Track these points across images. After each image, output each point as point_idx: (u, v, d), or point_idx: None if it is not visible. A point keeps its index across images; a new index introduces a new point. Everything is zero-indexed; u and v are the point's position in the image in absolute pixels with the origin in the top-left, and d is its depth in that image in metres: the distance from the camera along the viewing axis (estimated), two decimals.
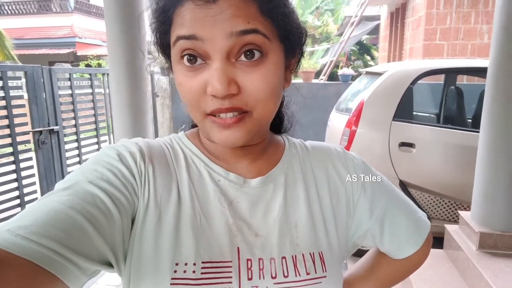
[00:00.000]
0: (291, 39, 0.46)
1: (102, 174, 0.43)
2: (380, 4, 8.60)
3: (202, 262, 0.44)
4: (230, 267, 0.45)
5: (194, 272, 0.43)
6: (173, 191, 0.47)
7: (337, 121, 3.04)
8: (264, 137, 0.52)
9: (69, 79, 3.17)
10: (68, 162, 3.18)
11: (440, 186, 2.62)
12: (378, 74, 2.82)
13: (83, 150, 3.35)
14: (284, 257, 0.48)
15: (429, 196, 2.67)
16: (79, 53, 13.27)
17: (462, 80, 3.87)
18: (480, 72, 2.64)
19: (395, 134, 2.63)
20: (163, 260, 0.43)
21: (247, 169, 0.52)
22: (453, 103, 2.98)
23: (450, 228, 2.26)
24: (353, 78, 5.51)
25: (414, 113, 2.83)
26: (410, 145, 2.63)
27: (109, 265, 0.42)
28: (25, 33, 13.76)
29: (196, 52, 0.42)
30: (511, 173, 1.90)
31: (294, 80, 0.56)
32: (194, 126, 0.57)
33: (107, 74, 3.72)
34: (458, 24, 5.32)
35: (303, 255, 0.48)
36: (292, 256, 0.48)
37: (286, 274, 0.46)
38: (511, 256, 1.86)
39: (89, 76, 3.45)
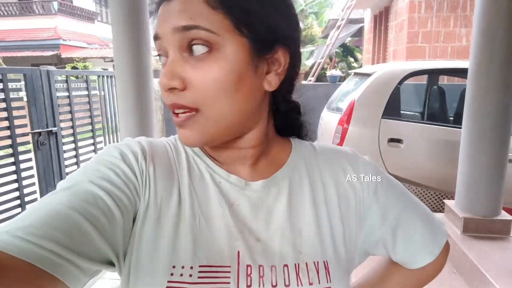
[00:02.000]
0: (259, 32, 0.42)
1: (104, 174, 0.42)
2: (364, 8, 8.87)
3: (200, 266, 0.42)
4: (229, 272, 0.43)
5: (191, 276, 0.42)
6: (174, 192, 0.46)
7: (329, 120, 3.20)
8: (259, 138, 0.48)
9: (66, 81, 3.22)
10: (66, 163, 3.22)
11: (426, 178, 2.81)
12: (367, 75, 2.99)
13: (80, 151, 3.40)
14: (286, 265, 0.45)
15: (416, 188, 2.86)
16: (63, 56, 13.08)
17: (443, 81, 4.09)
18: (460, 72, 2.86)
19: (384, 131, 2.81)
20: (160, 262, 0.42)
21: (250, 172, 0.49)
22: (436, 101, 3.18)
23: (437, 216, 2.43)
24: (341, 79, 5.70)
25: (401, 111, 3.01)
26: (398, 141, 2.81)
27: (111, 264, 0.42)
28: (7, 35, 13.48)
29: (161, 50, 0.44)
30: (490, 164, 2.08)
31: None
32: None
33: (102, 76, 3.78)
34: (439, 27, 5.60)
35: (306, 263, 0.46)
36: (295, 264, 0.45)
37: (287, 283, 0.44)
38: (492, 239, 2.05)
39: (85, 79, 3.50)
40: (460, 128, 2.23)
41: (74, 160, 3.32)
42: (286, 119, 0.52)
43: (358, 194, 0.52)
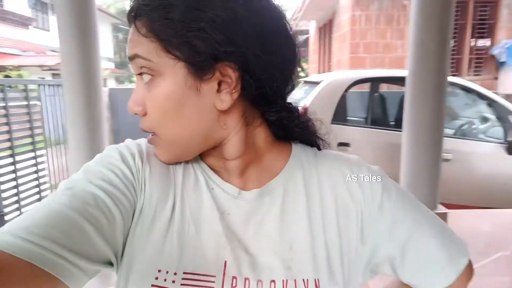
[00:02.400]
0: (191, 52, 0.40)
1: (104, 175, 0.43)
2: (309, 20, 9.29)
3: (184, 273, 0.42)
4: (213, 282, 0.42)
5: (173, 282, 0.41)
6: (170, 195, 0.46)
7: None
8: (241, 150, 0.46)
9: (2, 91, 2.98)
10: (2, 179, 2.95)
11: None
12: (316, 83, 3.15)
13: (19, 165, 3.13)
14: (273, 281, 0.43)
15: None
16: None
17: (384, 88, 4.42)
18: (398, 80, 3.12)
19: (333, 135, 2.96)
20: (148, 263, 0.42)
21: (242, 181, 0.48)
22: (378, 107, 3.44)
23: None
24: None
25: (348, 117, 3.21)
26: (346, 144, 2.99)
27: (110, 264, 0.42)
28: None
29: None
30: (427, 163, 2.30)
31: None
32: None
33: (43, 86, 3.54)
34: (377, 39, 6.04)
35: (295, 280, 0.43)
36: (283, 280, 0.43)
37: None
38: None
39: (23, 88, 3.26)
40: (400, 131, 2.43)
41: (13, 175, 3.05)
42: (279, 126, 0.49)
43: (360, 205, 0.48)
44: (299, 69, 0.49)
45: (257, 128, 0.48)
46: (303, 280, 0.44)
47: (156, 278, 0.42)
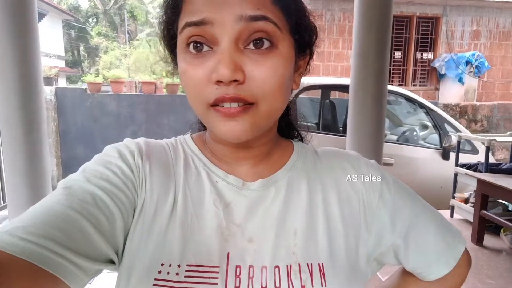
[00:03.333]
0: (303, 35, 0.44)
1: (102, 173, 0.42)
2: None
3: (187, 265, 0.42)
4: (217, 272, 0.42)
5: (177, 274, 0.41)
6: (171, 191, 0.46)
7: None
8: (269, 138, 0.49)
9: None
10: None
11: None
12: None
13: None
14: (277, 266, 0.44)
15: None
16: None
17: (335, 95, 4.61)
18: (347, 88, 3.26)
19: None
20: (150, 259, 0.42)
21: (248, 172, 0.49)
22: (328, 113, 3.58)
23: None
24: None
25: (300, 122, 3.30)
26: None
27: (112, 262, 0.42)
28: None
29: (203, 38, 0.40)
30: None
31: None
32: (200, 129, 0.56)
33: None
34: (330, 48, 6.29)
35: (299, 265, 0.44)
36: (287, 265, 0.44)
37: (278, 284, 0.42)
38: None
39: None
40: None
41: None
42: (288, 121, 0.55)
43: (362, 196, 0.50)
44: None
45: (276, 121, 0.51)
46: (307, 264, 0.44)
47: (159, 272, 0.41)
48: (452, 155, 3.23)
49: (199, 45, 0.41)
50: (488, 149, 2.72)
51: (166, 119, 5.00)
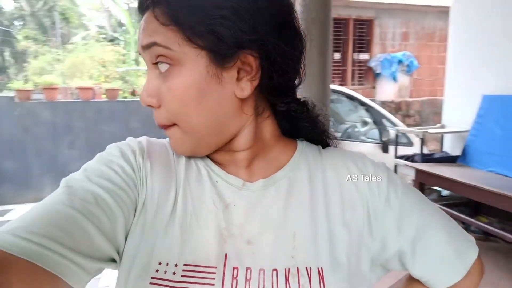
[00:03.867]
0: (214, 43, 0.40)
1: (103, 172, 0.42)
2: None
3: (184, 265, 0.41)
4: (214, 273, 0.41)
5: (174, 273, 0.41)
6: (172, 190, 0.46)
7: None
8: (250, 142, 0.47)
9: None
10: None
11: None
12: None
13: None
14: (275, 269, 0.43)
15: None
16: None
17: None
18: None
19: None
20: (149, 257, 0.42)
21: (248, 173, 0.48)
22: None
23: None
24: None
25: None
26: None
27: (114, 261, 0.42)
28: None
29: None
30: None
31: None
32: None
33: None
34: None
35: (297, 268, 0.43)
36: (285, 269, 0.43)
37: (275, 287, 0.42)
38: None
39: None
40: None
41: None
42: (288, 120, 0.50)
43: (366, 199, 0.48)
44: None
45: (266, 120, 0.48)
46: (306, 268, 0.43)
47: (157, 271, 0.41)
48: (391, 148, 3.45)
49: None
50: (422, 141, 2.94)
51: (107, 126, 4.72)
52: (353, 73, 7.09)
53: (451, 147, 3.21)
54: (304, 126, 0.51)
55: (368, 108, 3.85)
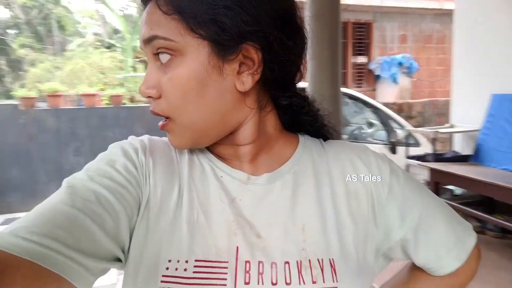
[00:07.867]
0: (218, 34, 0.40)
1: (105, 172, 0.42)
2: None
3: (195, 261, 0.41)
4: (226, 268, 0.41)
5: (185, 270, 0.40)
6: (175, 187, 0.45)
7: None
8: (253, 136, 0.47)
9: None
10: None
11: None
12: None
13: None
14: (287, 262, 0.43)
15: None
16: None
17: None
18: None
19: None
20: (157, 255, 0.41)
21: (252, 167, 0.48)
22: None
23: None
24: None
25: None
26: None
27: (118, 261, 0.42)
28: None
29: None
30: None
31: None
32: None
33: None
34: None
35: (309, 260, 0.43)
36: (297, 261, 0.43)
37: (288, 281, 0.41)
38: None
39: None
40: None
41: None
42: (289, 114, 0.50)
43: (370, 190, 0.48)
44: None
45: (268, 114, 0.48)
46: (318, 259, 0.43)
47: (167, 269, 0.41)
48: (399, 149, 3.46)
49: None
50: (434, 141, 2.96)
51: (111, 132, 4.70)
52: (353, 76, 7.15)
53: (461, 147, 3.23)
54: (306, 120, 0.51)
55: (374, 110, 3.87)
